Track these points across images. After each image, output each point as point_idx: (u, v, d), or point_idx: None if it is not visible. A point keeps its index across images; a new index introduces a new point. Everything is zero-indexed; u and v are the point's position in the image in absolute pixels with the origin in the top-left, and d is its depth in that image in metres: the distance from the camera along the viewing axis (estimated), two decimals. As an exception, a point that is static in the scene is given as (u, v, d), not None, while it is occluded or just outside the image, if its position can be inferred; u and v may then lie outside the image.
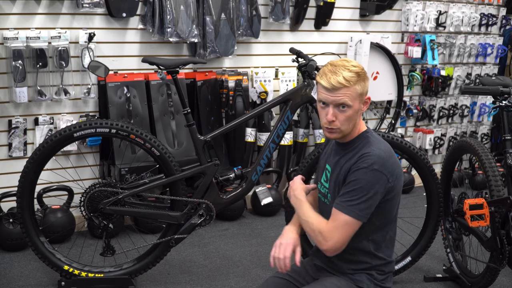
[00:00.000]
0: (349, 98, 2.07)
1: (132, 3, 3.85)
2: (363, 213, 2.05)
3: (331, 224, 2.08)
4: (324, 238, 2.08)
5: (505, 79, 3.24)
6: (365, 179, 2.05)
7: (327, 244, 2.08)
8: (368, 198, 2.05)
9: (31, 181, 3.02)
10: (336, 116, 2.10)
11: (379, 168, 2.05)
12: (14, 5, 3.61)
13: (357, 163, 2.07)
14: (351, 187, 2.06)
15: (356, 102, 2.10)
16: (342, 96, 2.07)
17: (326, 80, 2.08)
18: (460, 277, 3.32)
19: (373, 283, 2.17)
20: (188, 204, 3.16)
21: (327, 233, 2.07)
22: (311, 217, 2.15)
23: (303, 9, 4.48)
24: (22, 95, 3.60)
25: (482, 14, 5.34)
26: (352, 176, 2.07)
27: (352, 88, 2.07)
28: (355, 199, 2.04)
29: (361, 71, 2.10)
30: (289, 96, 3.33)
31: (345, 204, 2.06)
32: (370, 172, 2.04)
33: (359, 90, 2.09)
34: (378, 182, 2.05)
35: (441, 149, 5.39)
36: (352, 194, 2.05)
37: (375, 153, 2.08)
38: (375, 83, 4.87)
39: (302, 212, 2.18)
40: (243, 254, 3.76)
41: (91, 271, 3.13)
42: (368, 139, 2.15)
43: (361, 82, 2.10)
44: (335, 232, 2.06)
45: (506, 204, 2.87)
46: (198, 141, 3.19)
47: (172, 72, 3.13)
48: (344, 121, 2.11)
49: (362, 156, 2.08)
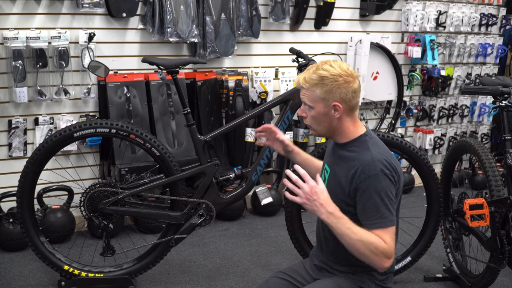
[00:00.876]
0: (307, 99, 2.13)
1: (132, 3, 3.85)
2: (394, 216, 2.05)
3: (388, 240, 2.00)
4: (388, 257, 2.00)
5: (505, 79, 3.24)
6: (379, 186, 2.03)
7: (389, 262, 2.02)
8: (390, 201, 2.04)
9: (31, 181, 3.03)
10: (306, 114, 2.17)
11: (386, 171, 2.05)
12: (14, 5, 3.61)
13: (364, 172, 2.05)
14: (374, 202, 2.02)
15: (318, 105, 2.10)
16: (303, 95, 2.15)
17: (297, 78, 2.17)
18: (460, 277, 3.32)
19: (374, 283, 2.17)
20: (188, 204, 3.17)
21: (390, 251, 2.00)
22: (366, 236, 1.99)
23: (303, 9, 4.48)
24: (22, 95, 3.60)
25: (482, 14, 5.34)
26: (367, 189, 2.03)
27: (309, 90, 2.11)
28: (382, 210, 2.02)
29: (329, 76, 2.08)
30: (289, 96, 3.33)
31: (379, 221, 2.02)
32: (380, 177, 2.04)
33: (320, 94, 2.09)
34: (391, 183, 2.05)
35: (441, 149, 5.38)
36: (381, 207, 2.02)
37: (377, 157, 2.07)
38: (375, 83, 4.87)
39: (351, 231, 1.99)
40: (243, 254, 3.76)
41: (91, 271, 3.13)
42: (366, 144, 2.13)
43: (323, 87, 2.08)
44: (391, 247, 2.02)
45: (506, 204, 2.87)
46: (198, 141, 3.19)
47: (172, 72, 3.13)
48: (311, 119, 2.16)
49: (365, 164, 2.06)
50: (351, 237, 1.98)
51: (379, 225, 2.02)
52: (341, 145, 2.19)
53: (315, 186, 2.00)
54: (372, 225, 2.02)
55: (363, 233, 1.99)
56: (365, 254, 1.99)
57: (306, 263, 2.35)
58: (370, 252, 1.98)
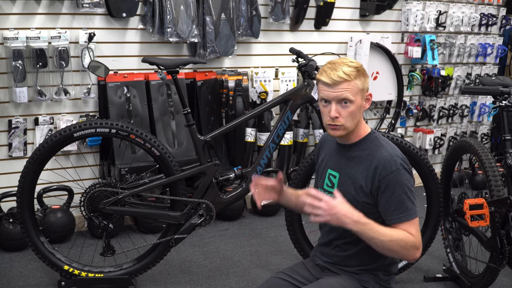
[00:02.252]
0: (350, 93, 2.08)
1: (132, 3, 3.85)
2: (416, 207, 2.09)
3: (415, 233, 2.05)
4: (417, 248, 2.05)
5: (505, 79, 3.24)
6: (403, 179, 2.07)
7: (419, 253, 2.06)
8: (412, 193, 2.09)
9: (31, 181, 3.03)
10: (339, 112, 2.10)
11: (405, 165, 2.10)
12: (14, 5, 3.61)
13: (385, 168, 2.07)
14: (399, 196, 2.06)
15: (357, 98, 2.10)
16: (343, 91, 2.08)
17: (326, 76, 2.09)
18: (460, 277, 3.32)
19: (379, 284, 2.17)
20: (188, 204, 3.16)
21: (418, 242, 2.05)
22: (395, 235, 2.02)
23: (303, 9, 4.48)
24: (22, 95, 3.60)
25: (482, 14, 5.34)
26: (390, 184, 2.06)
27: (352, 82, 2.08)
28: (407, 203, 2.06)
29: (360, 67, 2.12)
30: (289, 96, 3.33)
31: (405, 214, 2.05)
32: (402, 172, 2.07)
33: (360, 85, 2.10)
34: (410, 176, 2.11)
35: (441, 149, 5.38)
36: (405, 200, 2.06)
37: (394, 152, 2.11)
38: (375, 83, 4.86)
39: (380, 233, 2.00)
40: (243, 254, 3.76)
41: (91, 271, 3.13)
42: (378, 141, 2.16)
43: (361, 77, 2.10)
44: (419, 238, 2.06)
45: (506, 204, 2.87)
46: (198, 141, 3.19)
47: (172, 72, 3.13)
48: (347, 117, 2.10)
49: (386, 159, 2.08)
50: (381, 239, 2.00)
51: (405, 219, 2.05)
52: (350, 145, 2.18)
53: (331, 200, 1.97)
54: (398, 219, 2.06)
55: (392, 233, 2.02)
56: (396, 251, 2.03)
57: (308, 263, 2.34)
58: (401, 249, 2.01)
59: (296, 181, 3.24)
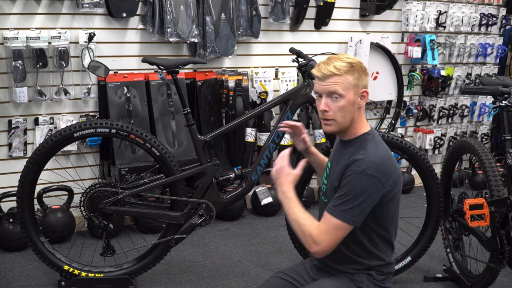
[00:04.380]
0: (340, 87, 2.08)
1: (132, 3, 3.85)
2: (356, 218, 2.04)
3: (322, 228, 2.05)
4: (314, 241, 2.04)
5: (505, 79, 3.24)
6: (358, 184, 2.03)
7: (316, 248, 2.05)
8: (360, 202, 2.03)
9: (31, 181, 3.02)
10: (329, 106, 2.11)
11: (372, 172, 2.03)
12: (14, 5, 3.61)
13: (351, 167, 2.06)
14: (343, 191, 2.05)
15: (349, 93, 2.09)
16: (332, 84, 2.09)
17: (317, 69, 2.12)
18: (460, 277, 3.32)
19: (373, 283, 2.17)
20: (188, 204, 3.16)
21: (316, 236, 2.04)
22: (302, 218, 2.08)
23: (303, 9, 4.48)
24: (22, 95, 3.60)
25: (482, 14, 5.34)
26: (345, 180, 2.06)
27: (343, 77, 2.08)
28: (347, 204, 2.03)
29: (356, 63, 2.11)
30: (289, 96, 3.33)
31: (337, 208, 2.04)
32: (363, 177, 2.02)
33: (352, 81, 2.09)
34: (371, 187, 2.03)
35: (441, 149, 5.39)
36: (344, 198, 2.04)
37: (369, 157, 2.05)
38: (375, 83, 4.87)
39: (292, 211, 2.10)
40: (243, 254, 3.76)
41: (91, 271, 3.13)
42: (366, 143, 2.13)
43: (355, 73, 2.09)
44: (325, 236, 2.04)
45: (506, 204, 2.87)
46: (198, 141, 3.19)
47: (172, 72, 3.13)
48: (337, 111, 2.10)
49: (355, 160, 2.06)
50: (290, 216, 2.11)
51: (333, 213, 2.05)
52: (345, 142, 2.20)
53: (284, 167, 2.14)
54: (330, 209, 2.06)
55: (302, 215, 2.09)
56: (297, 233, 2.10)
57: (306, 263, 2.35)
58: (300, 232, 2.08)
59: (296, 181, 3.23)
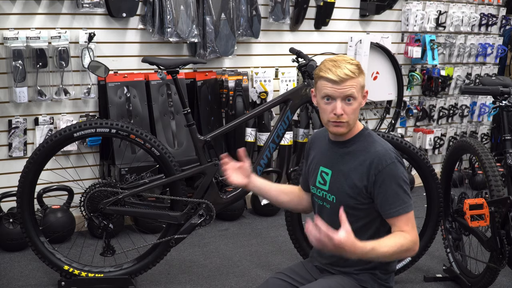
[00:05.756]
0: (355, 90, 2.10)
1: (132, 3, 3.85)
2: (411, 200, 2.12)
3: (409, 227, 2.09)
4: (416, 243, 2.09)
5: (505, 79, 3.24)
6: (398, 172, 2.10)
7: (417, 246, 2.10)
8: (407, 186, 2.12)
9: (31, 181, 3.03)
10: (344, 110, 2.11)
11: (398, 158, 2.13)
12: (14, 5, 3.61)
13: (381, 162, 2.09)
14: (395, 189, 2.08)
15: (359, 95, 2.13)
16: (349, 87, 2.09)
17: (332, 73, 2.08)
18: (460, 277, 3.32)
19: (377, 283, 2.17)
20: (188, 204, 3.17)
21: (415, 237, 2.08)
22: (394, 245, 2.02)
23: (303, 9, 4.48)
24: (22, 95, 3.60)
25: (482, 14, 5.34)
26: (386, 178, 2.09)
27: (356, 79, 2.10)
28: (404, 195, 2.09)
29: (359, 64, 2.15)
30: (289, 96, 3.34)
31: (402, 205, 2.09)
32: (397, 165, 2.10)
33: (362, 82, 2.13)
34: (404, 169, 2.14)
35: (441, 149, 5.38)
36: (400, 193, 2.09)
37: (387, 147, 2.14)
38: (375, 83, 4.87)
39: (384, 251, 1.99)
40: (243, 254, 3.76)
41: (91, 271, 3.13)
42: (371, 137, 2.18)
43: (362, 75, 2.14)
44: (415, 230, 2.11)
45: (506, 204, 2.87)
46: (198, 141, 3.19)
47: (172, 72, 3.13)
48: (351, 114, 2.12)
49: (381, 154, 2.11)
50: (386, 256, 2.02)
51: (402, 211, 2.08)
52: (344, 142, 2.19)
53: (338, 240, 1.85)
54: (395, 213, 2.08)
55: (391, 243, 2.02)
56: (400, 256, 2.09)
57: (307, 264, 2.34)
58: (404, 252, 2.06)
59: (296, 181, 3.23)
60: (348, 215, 2.00)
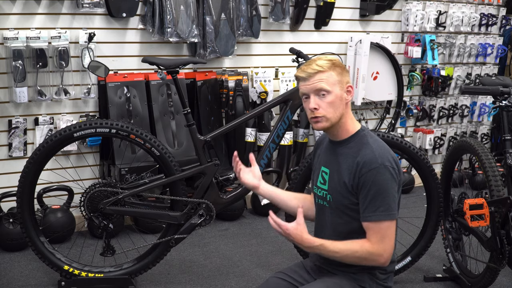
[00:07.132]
0: (325, 83, 2.11)
1: (132, 3, 3.85)
2: (395, 210, 2.08)
3: (375, 238, 2.06)
4: (377, 255, 2.06)
5: (505, 79, 3.24)
6: (382, 179, 2.06)
7: (382, 258, 2.07)
8: (392, 194, 2.07)
9: (31, 181, 3.02)
10: (318, 104, 2.13)
11: (389, 164, 2.07)
12: (14, 5, 3.61)
13: (367, 165, 2.07)
14: (372, 192, 2.05)
15: (335, 88, 2.12)
16: (318, 81, 2.12)
17: (301, 71, 2.16)
18: (460, 277, 3.32)
19: (375, 283, 2.18)
20: (188, 204, 3.17)
21: (375, 250, 2.05)
22: (346, 249, 2.06)
23: (303, 9, 4.48)
24: (22, 95, 3.60)
25: (482, 14, 5.34)
26: (366, 181, 2.06)
27: (326, 73, 2.12)
28: (384, 201, 2.05)
29: (336, 60, 2.16)
30: (289, 96, 3.34)
31: (378, 212, 2.05)
32: (383, 171, 2.06)
33: (336, 76, 2.13)
34: (392, 177, 2.08)
35: (441, 149, 5.39)
36: (378, 198, 2.05)
37: (378, 151, 2.10)
38: (375, 83, 4.87)
39: (334, 251, 2.06)
40: (243, 254, 3.76)
41: (91, 271, 3.13)
42: (365, 139, 2.16)
43: (337, 69, 2.14)
44: (383, 243, 2.06)
45: (506, 204, 2.87)
46: (198, 141, 3.19)
47: (172, 72, 3.13)
48: (327, 107, 2.13)
49: (367, 157, 2.08)
50: (336, 257, 2.07)
51: (374, 218, 2.05)
52: (339, 142, 2.20)
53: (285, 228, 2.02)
54: (366, 218, 2.07)
55: (343, 247, 2.05)
56: (355, 262, 2.08)
57: (306, 263, 2.35)
58: (359, 260, 2.06)
59: (296, 181, 3.23)
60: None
